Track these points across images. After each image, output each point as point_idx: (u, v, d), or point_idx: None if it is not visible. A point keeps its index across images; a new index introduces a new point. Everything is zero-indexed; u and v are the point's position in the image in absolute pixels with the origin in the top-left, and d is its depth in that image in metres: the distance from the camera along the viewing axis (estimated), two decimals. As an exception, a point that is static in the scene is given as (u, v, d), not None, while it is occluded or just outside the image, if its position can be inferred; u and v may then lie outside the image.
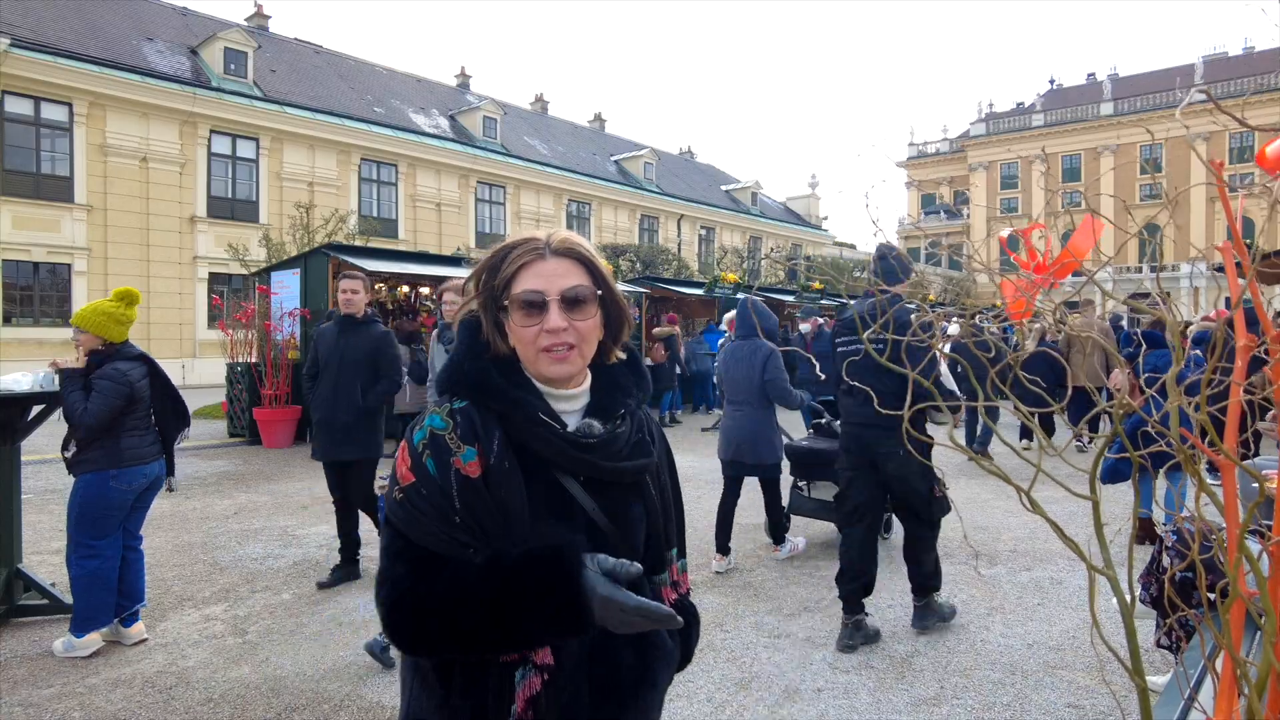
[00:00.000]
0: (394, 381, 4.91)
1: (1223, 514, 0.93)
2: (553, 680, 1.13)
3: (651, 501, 1.29)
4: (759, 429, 5.18)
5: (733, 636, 4.01)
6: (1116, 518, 2.16)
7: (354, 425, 4.75)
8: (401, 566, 1.13)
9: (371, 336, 4.86)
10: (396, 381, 4.92)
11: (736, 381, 5.24)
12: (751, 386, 5.17)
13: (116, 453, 3.81)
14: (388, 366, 4.88)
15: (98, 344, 3.86)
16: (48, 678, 3.55)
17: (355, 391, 4.74)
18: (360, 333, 4.85)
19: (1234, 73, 46.44)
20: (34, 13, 21.50)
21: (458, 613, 1.08)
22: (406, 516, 1.14)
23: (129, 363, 3.87)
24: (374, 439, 4.87)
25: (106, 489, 3.79)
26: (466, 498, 1.12)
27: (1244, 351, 0.97)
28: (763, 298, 17.94)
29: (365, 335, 4.85)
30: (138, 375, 3.87)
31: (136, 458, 3.87)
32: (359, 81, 30.67)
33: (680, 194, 39.86)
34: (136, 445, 3.88)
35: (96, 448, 3.79)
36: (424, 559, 1.12)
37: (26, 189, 20.63)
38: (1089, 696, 3.32)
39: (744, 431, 5.16)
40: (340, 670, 3.62)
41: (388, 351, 4.89)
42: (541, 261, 1.20)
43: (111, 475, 3.80)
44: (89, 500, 3.79)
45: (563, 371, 1.20)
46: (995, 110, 57.36)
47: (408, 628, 1.11)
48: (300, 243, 14.87)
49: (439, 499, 1.12)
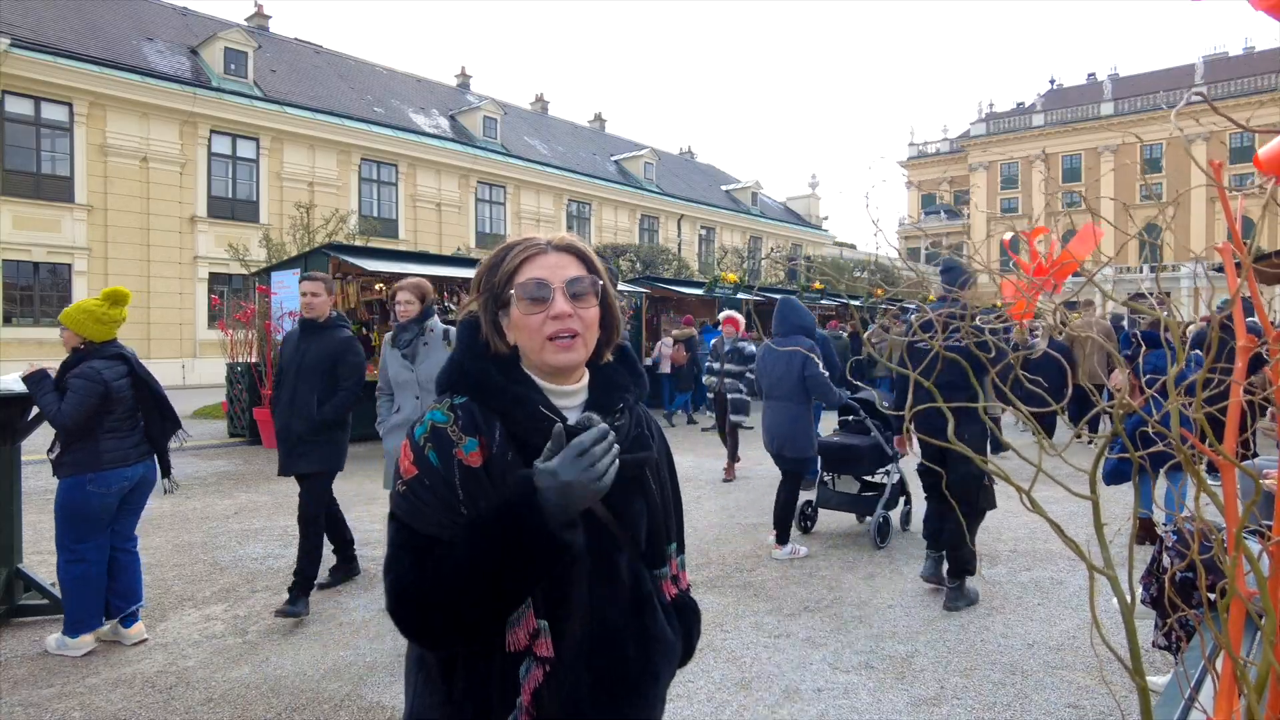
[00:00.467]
0: (352, 391, 4.50)
1: (1223, 514, 0.93)
2: (554, 673, 1.14)
3: (652, 496, 1.30)
4: (796, 424, 5.40)
5: (733, 636, 4.01)
6: (1116, 518, 2.15)
7: (309, 436, 4.40)
8: (406, 556, 1.14)
9: (332, 342, 4.49)
10: (355, 391, 4.51)
11: (776, 378, 5.44)
12: (790, 382, 5.38)
13: (95, 455, 3.75)
14: (347, 374, 4.49)
15: (79, 342, 3.84)
16: (48, 677, 3.55)
17: (312, 401, 4.39)
18: (321, 338, 4.49)
19: (1234, 73, 46.43)
20: (34, 13, 21.50)
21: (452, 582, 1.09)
22: (410, 508, 1.15)
23: (106, 361, 3.81)
24: (332, 451, 4.50)
25: (85, 493, 3.74)
26: (469, 487, 1.14)
27: (1244, 352, 0.97)
28: (763, 298, 17.97)
29: (326, 341, 4.48)
30: (114, 374, 3.80)
31: (116, 460, 3.80)
32: (359, 81, 30.67)
33: (680, 194, 39.87)
34: (116, 448, 3.81)
35: (75, 450, 3.74)
36: (426, 546, 1.13)
37: (27, 189, 20.63)
38: (1089, 697, 3.32)
39: (782, 426, 5.39)
40: (340, 670, 3.62)
41: (348, 359, 4.50)
42: (544, 255, 1.24)
43: (89, 479, 3.73)
44: (69, 504, 3.75)
45: (568, 359, 1.22)
46: (995, 110, 57.37)
47: (414, 615, 1.13)
48: (300, 243, 14.87)
49: (442, 489, 1.14)
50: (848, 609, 4.40)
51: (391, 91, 31.59)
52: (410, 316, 4.39)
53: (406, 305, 4.40)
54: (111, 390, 3.77)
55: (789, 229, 46.17)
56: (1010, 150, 52.90)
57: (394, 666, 3.61)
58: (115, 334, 3.96)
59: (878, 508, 5.70)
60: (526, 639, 1.14)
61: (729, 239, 41.19)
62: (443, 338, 4.38)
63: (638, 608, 1.23)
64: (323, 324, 4.53)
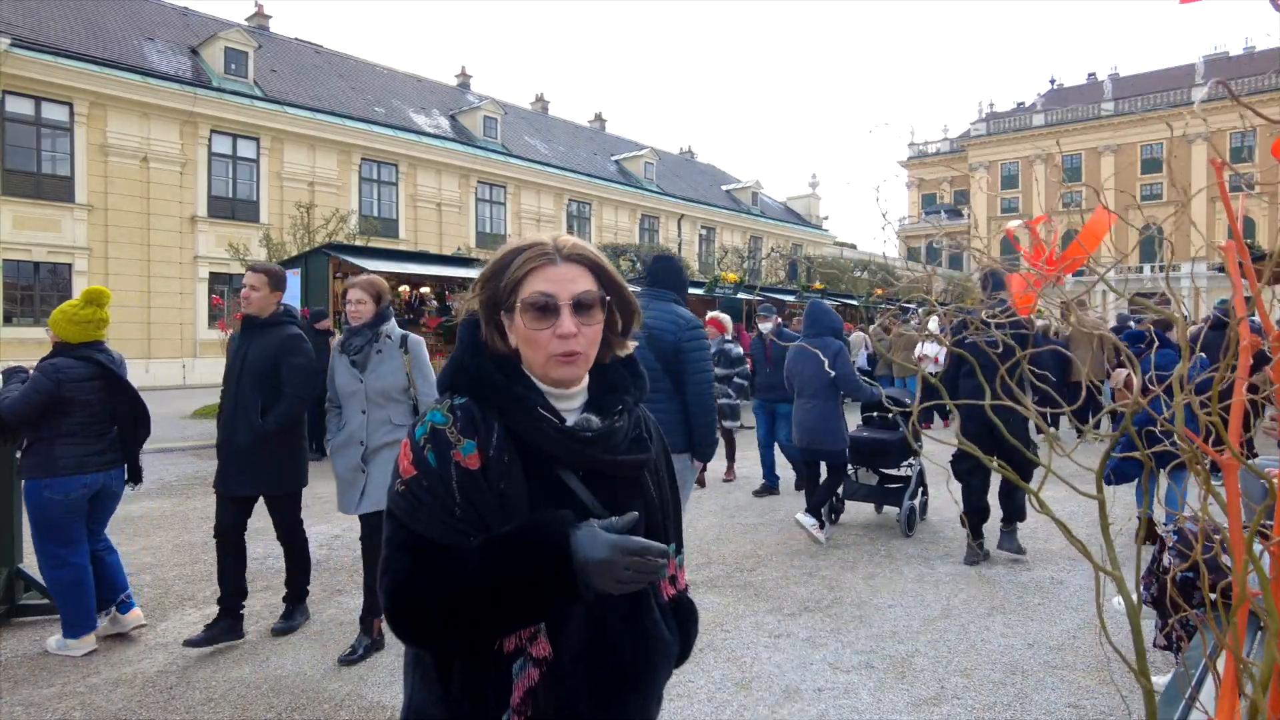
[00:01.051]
0: (297, 397, 3.94)
1: (1225, 513, 0.93)
2: (551, 672, 1.14)
3: (650, 497, 1.30)
4: (828, 419, 5.73)
5: (733, 636, 4.01)
6: (1118, 518, 2.14)
7: (253, 451, 3.86)
8: (404, 556, 1.15)
9: (273, 341, 3.93)
10: (301, 397, 3.96)
11: (807, 377, 5.81)
12: (820, 381, 5.70)
13: (50, 460, 3.65)
14: (290, 378, 3.92)
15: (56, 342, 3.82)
16: (49, 677, 3.55)
17: (255, 409, 3.86)
18: (263, 337, 3.95)
19: (1235, 73, 46.40)
20: (34, 12, 21.50)
21: (456, 594, 1.09)
22: (408, 508, 1.16)
23: (72, 360, 3.72)
24: (283, 469, 3.98)
25: (42, 498, 3.66)
26: (466, 489, 1.14)
27: (1246, 351, 0.97)
28: (764, 298, 17.97)
29: (267, 340, 3.93)
30: (73, 375, 3.68)
31: (72, 467, 3.68)
32: (359, 81, 30.66)
33: (680, 194, 39.85)
34: (72, 454, 3.69)
35: (32, 454, 3.68)
36: (425, 549, 1.14)
37: (27, 189, 20.63)
38: (1090, 696, 3.32)
39: (814, 421, 5.75)
40: (340, 670, 3.62)
41: (290, 360, 3.92)
42: (552, 266, 1.22)
43: (44, 485, 3.65)
44: (32, 508, 3.71)
45: (570, 375, 1.23)
46: (996, 110, 57.34)
47: (409, 616, 1.13)
48: (301, 242, 14.87)
49: (440, 491, 1.14)
50: (848, 609, 4.40)
51: (392, 91, 31.58)
52: (363, 319, 3.82)
53: (358, 305, 3.82)
54: (63, 390, 3.65)
55: (789, 229, 46.14)
56: (1010, 150, 52.88)
57: (394, 666, 3.60)
58: (97, 335, 3.84)
59: (905, 498, 6.05)
60: (521, 640, 1.14)
61: (729, 239, 41.18)
62: (399, 345, 3.82)
63: (635, 608, 1.23)
64: (265, 321, 3.98)
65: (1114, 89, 51.68)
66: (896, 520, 6.15)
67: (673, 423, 3.76)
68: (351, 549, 5.60)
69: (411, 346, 3.84)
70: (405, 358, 3.80)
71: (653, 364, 3.76)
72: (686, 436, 3.81)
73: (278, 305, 4.05)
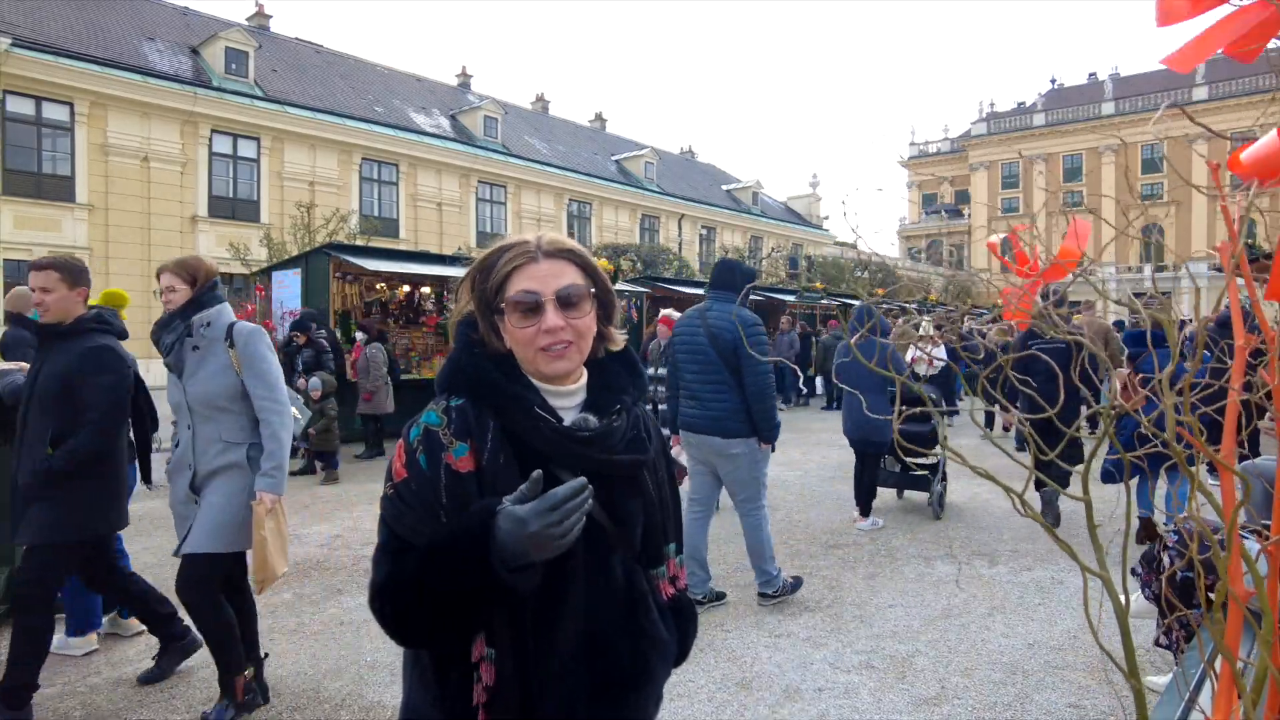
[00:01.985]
0: (97, 425, 3.01)
1: (1219, 514, 0.93)
2: (548, 672, 1.15)
3: (649, 496, 1.30)
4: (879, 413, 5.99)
5: (733, 636, 4.02)
6: (1116, 518, 2.17)
7: (38, 490, 2.97)
8: (387, 560, 1.16)
9: (70, 355, 3.04)
10: (103, 425, 3.03)
11: (860, 374, 6.10)
12: (872, 378, 5.89)
13: None
14: (94, 402, 3.01)
15: None
16: (49, 677, 3.54)
17: (44, 440, 3.00)
18: (59, 351, 3.08)
19: (1235, 73, 46.35)
20: (35, 12, 21.51)
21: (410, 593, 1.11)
22: (395, 511, 1.17)
23: None
24: (75, 514, 3.01)
25: None
26: (454, 492, 1.14)
27: (1241, 352, 0.97)
28: (764, 297, 17.97)
29: (63, 354, 3.05)
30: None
31: None
32: (360, 81, 30.67)
33: (681, 194, 39.85)
34: None
35: None
36: (403, 551, 1.15)
37: (28, 189, 20.64)
38: (1090, 696, 3.32)
39: (866, 416, 6.06)
40: (340, 670, 3.63)
41: (90, 379, 3.02)
42: (534, 264, 1.21)
43: None
44: None
45: (562, 368, 1.22)
46: (996, 110, 57.31)
47: (388, 621, 1.15)
48: (301, 242, 14.92)
49: (428, 494, 1.15)
50: (848, 609, 4.40)
51: (392, 91, 31.58)
52: (175, 307, 3.07)
53: (169, 294, 3.07)
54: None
55: (790, 229, 46.14)
56: (1010, 150, 52.84)
57: (394, 666, 3.61)
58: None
59: (934, 483, 6.58)
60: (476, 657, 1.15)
61: (729, 239, 41.19)
62: (224, 339, 3.03)
63: (632, 607, 1.24)
64: (65, 330, 3.10)
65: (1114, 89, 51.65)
66: (928, 504, 6.70)
67: (737, 411, 4.28)
68: (351, 549, 5.61)
69: (239, 338, 3.03)
70: (232, 354, 3.01)
71: (714, 359, 4.33)
72: (749, 423, 4.29)
73: (84, 308, 3.20)
